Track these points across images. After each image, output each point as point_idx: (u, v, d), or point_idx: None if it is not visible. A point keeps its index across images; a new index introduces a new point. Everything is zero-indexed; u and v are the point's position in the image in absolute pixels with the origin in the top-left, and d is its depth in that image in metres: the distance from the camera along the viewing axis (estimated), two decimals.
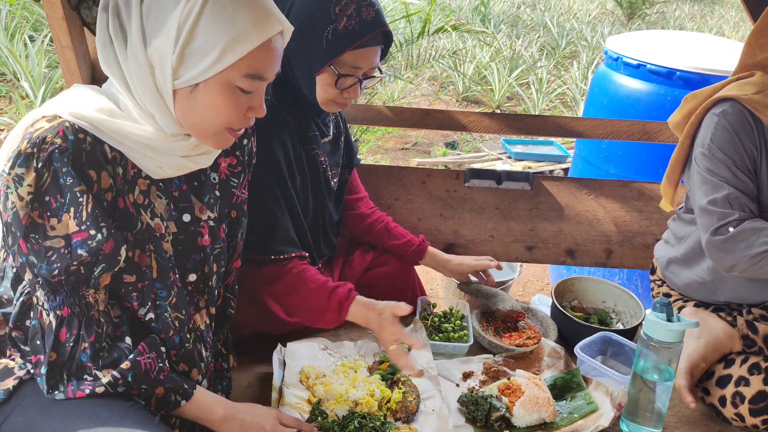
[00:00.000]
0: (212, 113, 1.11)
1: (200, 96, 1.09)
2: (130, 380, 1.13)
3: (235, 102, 1.11)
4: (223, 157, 1.34)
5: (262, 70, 1.11)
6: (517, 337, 1.83)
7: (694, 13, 12.76)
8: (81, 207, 1.06)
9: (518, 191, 2.31)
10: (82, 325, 1.11)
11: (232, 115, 1.13)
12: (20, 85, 5.13)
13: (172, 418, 1.23)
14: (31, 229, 1.05)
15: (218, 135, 1.15)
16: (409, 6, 5.66)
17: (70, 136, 1.05)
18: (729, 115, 1.58)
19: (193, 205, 1.26)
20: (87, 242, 1.06)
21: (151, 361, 1.16)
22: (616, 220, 2.33)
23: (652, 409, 1.47)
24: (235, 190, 1.37)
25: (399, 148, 5.66)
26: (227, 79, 1.09)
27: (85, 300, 1.11)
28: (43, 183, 1.04)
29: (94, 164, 1.08)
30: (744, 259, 1.51)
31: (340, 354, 1.69)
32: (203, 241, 1.28)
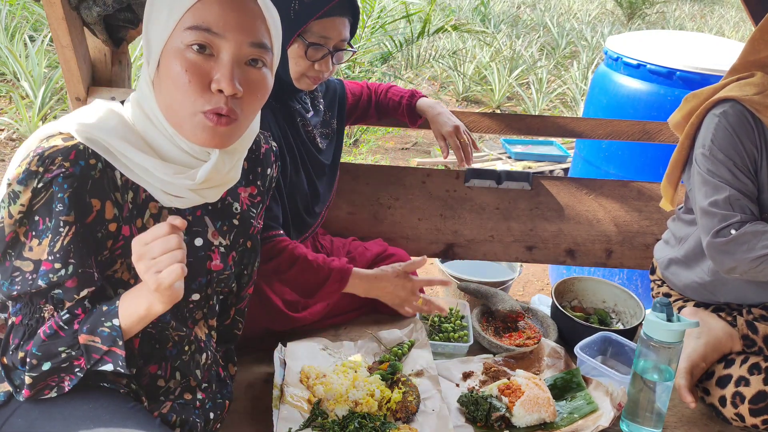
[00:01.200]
0: (174, 87, 1.03)
1: (163, 74, 1.05)
2: (37, 353, 1.06)
3: (192, 68, 1.02)
4: (243, 186, 1.31)
5: (208, 21, 1.02)
6: (517, 337, 1.83)
7: (694, 13, 12.76)
8: (59, 238, 1.03)
9: (518, 191, 2.31)
10: (25, 336, 1.10)
11: (192, 86, 1.02)
12: (20, 85, 5.13)
13: (173, 417, 1.22)
14: (10, 246, 1.05)
15: (193, 119, 1.05)
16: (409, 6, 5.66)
17: (81, 161, 1.03)
18: (730, 115, 1.58)
19: (206, 229, 1.24)
20: (49, 275, 1.04)
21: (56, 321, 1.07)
22: (616, 220, 2.33)
23: (652, 409, 1.47)
24: (253, 221, 1.34)
25: (399, 148, 5.66)
26: (177, 42, 1.03)
27: (39, 314, 1.09)
28: (37, 202, 1.03)
29: (100, 193, 1.06)
30: (745, 261, 1.51)
31: (340, 354, 1.69)
32: (213, 265, 1.26)
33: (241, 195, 1.30)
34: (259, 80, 1.09)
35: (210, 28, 1.02)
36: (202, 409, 1.29)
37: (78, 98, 2.24)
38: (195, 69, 1.03)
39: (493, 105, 6.73)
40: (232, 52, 1.04)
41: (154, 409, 1.20)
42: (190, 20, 1.02)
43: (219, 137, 1.07)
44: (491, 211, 2.33)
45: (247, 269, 1.39)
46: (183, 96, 1.03)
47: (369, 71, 5.17)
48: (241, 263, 1.36)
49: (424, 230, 2.31)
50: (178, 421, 1.23)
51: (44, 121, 4.78)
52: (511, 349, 1.77)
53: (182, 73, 1.02)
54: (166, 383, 1.25)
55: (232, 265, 1.31)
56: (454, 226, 2.32)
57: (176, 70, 1.03)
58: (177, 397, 1.26)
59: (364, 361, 1.66)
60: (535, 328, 1.90)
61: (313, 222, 1.87)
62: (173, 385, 1.26)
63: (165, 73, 1.04)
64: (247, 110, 1.10)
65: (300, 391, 1.52)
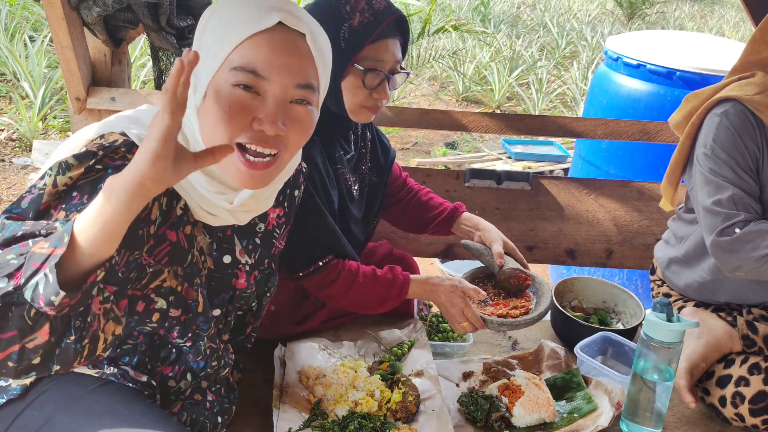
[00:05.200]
0: (216, 120, 1.03)
1: (207, 106, 1.05)
2: None
3: (236, 105, 1.02)
4: (273, 207, 1.31)
5: (254, 62, 1.02)
6: (503, 306, 1.67)
7: (694, 13, 12.76)
8: None
9: (518, 191, 2.31)
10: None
11: (234, 121, 1.02)
12: (20, 85, 5.13)
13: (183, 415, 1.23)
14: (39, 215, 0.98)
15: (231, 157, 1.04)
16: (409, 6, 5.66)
17: None
18: (731, 115, 1.58)
19: (234, 248, 1.25)
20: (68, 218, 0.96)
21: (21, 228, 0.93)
22: (616, 220, 2.33)
23: (652, 409, 1.47)
24: (275, 241, 1.36)
25: (399, 148, 5.66)
26: (223, 78, 1.03)
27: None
28: (84, 178, 0.99)
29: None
30: (750, 260, 1.51)
31: (340, 354, 1.69)
32: (238, 283, 1.27)
33: (269, 216, 1.32)
34: (304, 117, 1.08)
35: (256, 70, 1.02)
36: (211, 411, 1.30)
37: (78, 98, 2.24)
38: (239, 107, 1.02)
39: (493, 105, 6.73)
40: (277, 95, 1.04)
41: (165, 408, 1.21)
42: (237, 60, 1.02)
43: (254, 180, 1.07)
44: (491, 211, 2.33)
45: (270, 290, 1.40)
46: (223, 131, 1.03)
47: None
48: (265, 284, 1.38)
49: None
50: (188, 420, 1.24)
51: (44, 122, 4.78)
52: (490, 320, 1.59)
53: (226, 110, 1.02)
54: (176, 383, 1.25)
55: (254, 284, 1.33)
56: None
57: (220, 106, 1.02)
58: (188, 397, 1.27)
59: (364, 361, 1.66)
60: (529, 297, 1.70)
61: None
62: (184, 386, 1.27)
63: (210, 106, 1.04)
64: (291, 146, 1.09)
65: (300, 391, 1.52)
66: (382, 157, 1.86)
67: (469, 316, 1.60)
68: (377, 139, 1.87)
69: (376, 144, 1.85)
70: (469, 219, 1.86)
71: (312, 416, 1.44)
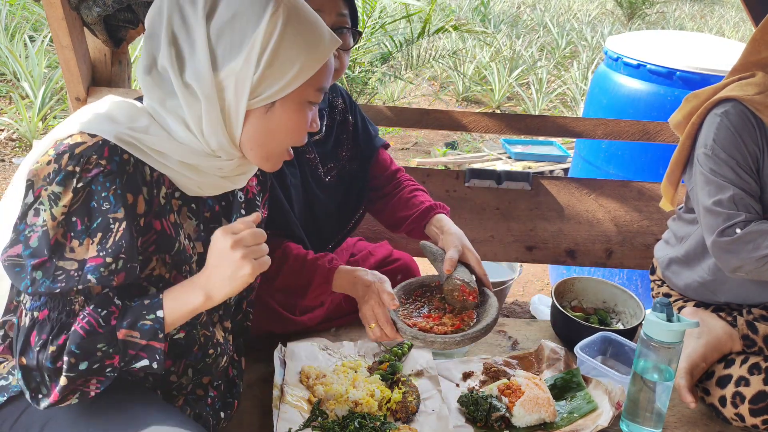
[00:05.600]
0: (287, 130, 1.13)
1: (276, 114, 1.11)
2: (76, 350, 1.02)
3: (306, 117, 1.14)
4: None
5: (326, 83, 1.15)
6: (432, 320, 1.46)
7: (694, 13, 12.76)
8: (110, 234, 1.04)
9: (518, 191, 2.32)
10: (54, 330, 1.04)
11: (302, 131, 1.15)
12: (20, 85, 5.13)
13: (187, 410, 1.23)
14: (54, 249, 1.02)
15: (281, 156, 1.17)
16: (409, 6, 5.66)
17: (116, 157, 1.03)
18: (731, 115, 1.58)
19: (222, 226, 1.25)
20: (100, 269, 1.03)
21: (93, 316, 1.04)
22: (616, 220, 2.33)
23: (652, 409, 1.47)
24: (258, 209, 1.37)
25: (399, 148, 5.66)
26: (303, 94, 1.11)
27: (70, 306, 1.06)
28: (75, 202, 1.02)
29: (134, 188, 1.07)
30: (750, 260, 1.51)
31: (340, 354, 1.69)
32: None
33: (247, 184, 1.34)
34: None
35: (326, 89, 1.16)
36: (212, 407, 1.31)
37: (78, 98, 2.25)
38: (307, 119, 1.15)
39: (493, 105, 6.73)
40: None
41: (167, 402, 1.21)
42: (318, 81, 1.12)
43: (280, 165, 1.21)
44: (491, 211, 2.33)
45: None
46: (289, 137, 1.15)
47: (369, 71, 5.17)
48: None
49: None
50: (192, 414, 1.25)
51: (44, 122, 4.78)
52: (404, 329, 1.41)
53: (300, 120, 1.14)
54: (178, 379, 1.25)
55: None
56: None
57: (297, 118, 1.13)
58: (189, 392, 1.27)
59: (364, 361, 1.66)
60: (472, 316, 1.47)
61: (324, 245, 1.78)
62: (185, 381, 1.27)
63: (280, 115, 1.11)
64: None
65: (300, 391, 1.52)
66: (365, 145, 1.81)
67: (380, 318, 1.44)
68: (361, 126, 1.82)
69: (358, 131, 1.81)
70: (438, 221, 1.70)
71: (312, 416, 1.44)
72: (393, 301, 1.43)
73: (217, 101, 1.07)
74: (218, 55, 1.05)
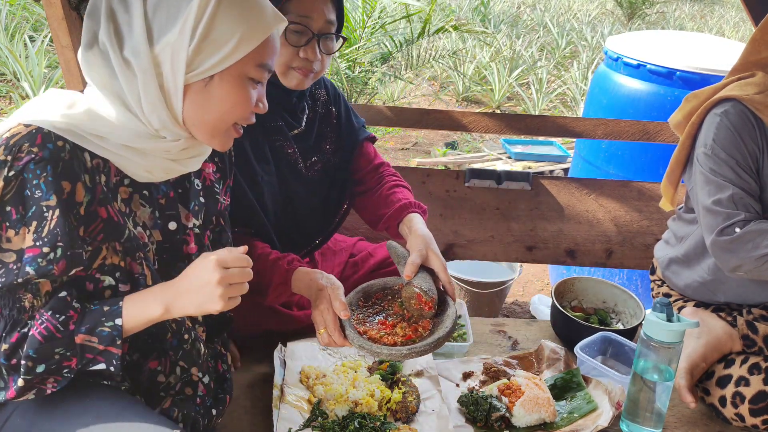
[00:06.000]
0: (227, 106, 1.12)
1: (215, 89, 1.10)
2: (34, 355, 1.03)
3: (248, 94, 1.13)
4: (206, 162, 1.32)
5: (270, 60, 1.14)
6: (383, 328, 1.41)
7: (694, 13, 12.76)
8: (45, 222, 1.03)
9: (518, 191, 2.32)
10: (7, 327, 1.06)
11: (245, 108, 1.14)
12: (20, 85, 5.13)
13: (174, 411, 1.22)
14: None
15: (227, 133, 1.16)
16: (409, 6, 5.66)
17: (49, 144, 1.02)
18: (731, 115, 1.58)
19: (179, 213, 1.24)
20: (37, 259, 1.03)
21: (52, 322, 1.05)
22: (616, 220, 2.33)
23: (652, 409, 1.47)
24: (218, 197, 1.35)
25: (399, 148, 5.66)
26: (242, 69, 1.10)
27: (20, 303, 1.07)
28: (8, 192, 1.01)
29: (71, 175, 1.05)
30: (750, 260, 1.51)
31: (340, 354, 1.69)
32: (189, 249, 1.26)
33: (203, 171, 1.32)
34: None
35: (270, 67, 1.15)
36: (203, 405, 1.29)
37: None
38: (249, 96, 1.14)
39: (493, 105, 6.73)
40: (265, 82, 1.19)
41: (154, 405, 1.20)
42: (259, 57, 1.11)
43: (231, 144, 1.20)
44: (491, 211, 2.33)
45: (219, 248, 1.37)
46: (230, 113, 1.14)
47: (369, 71, 5.17)
48: (219, 243, 1.36)
49: None
50: (180, 416, 1.23)
51: None
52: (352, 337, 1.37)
53: (240, 96, 1.12)
54: (166, 378, 1.24)
55: (209, 246, 1.31)
56: (454, 226, 2.33)
57: (236, 93, 1.12)
58: (177, 392, 1.26)
59: (364, 361, 1.66)
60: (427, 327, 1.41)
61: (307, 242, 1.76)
62: (173, 380, 1.25)
63: (219, 90, 1.10)
64: None
65: (300, 391, 1.52)
66: (348, 137, 1.79)
67: (329, 324, 1.39)
68: (345, 117, 1.80)
69: (341, 122, 1.79)
70: (410, 221, 1.63)
71: (312, 416, 1.44)
72: (344, 311, 1.38)
73: (154, 76, 1.06)
74: (154, 29, 1.05)
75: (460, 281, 3.01)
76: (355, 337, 1.36)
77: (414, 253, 1.48)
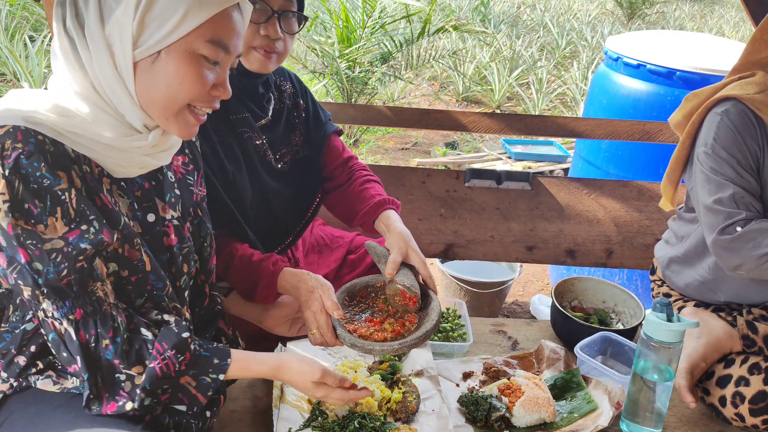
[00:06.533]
0: (175, 84, 1.08)
1: (162, 65, 1.07)
2: (148, 387, 1.09)
3: (199, 72, 1.09)
4: (176, 155, 1.31)
5: (225, 38, 1.10)
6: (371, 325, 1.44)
7: (694, 13, 12.76)
8: (66, 205, 1.03)
9: (518, 191, 2.32)
10: (98, 324, 1.08)
11: (196, 87, 1.09)
12: (20, 85, 5.13)
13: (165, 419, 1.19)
14: (24, 236, 1.01)
15: (181, 116, 1.12)
16: (409, 6, 5.66)
17: (31, 138, 1.01)
18: (731, 114, 1.58)
19: (156, 205, 1.23)
20: (84, 236, 1.04)
21: (173, 361, 1.12)
22: (616, 220, 2.33)
23: (652, 409, 1.47)
24: (192, 188, 1.34)
25: (399, 148, 5.66)
26: (190, 45, 1.07)
27: (95, 296, 1.08)
28: (17, 192, 1.00)
29: (62, 165, 1.04)
30: (751, 259, 1.51)
31: (340, 354, 1.69)
32: (170, 240, 1.25)
33: (173, 164, 1.31)
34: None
35: (227, 47, 1.11)
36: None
37: None
38: (202, 74, 1.09)
39: (493, 105, 6.73)
40: (229, 65, 1.15)
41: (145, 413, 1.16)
42: (210, 33, 1.07)
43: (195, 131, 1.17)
44: (491, 211, 2.33)
45: (206, 240, 1.37)
46: (180, 92, 1.09)
47: (369, 71, 5.17)
48: (198, 235, 1.35)
49: (424, 230, 2.31)
50: (171, 423, 1.20)
51: None
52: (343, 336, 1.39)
53: (190, 74, 1.08)
54: None
55: (189, 237, 1.30)
56: (454, 226, 2.33)
57: (184, 70, 1.08)
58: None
59: (364, 361, 1.66)
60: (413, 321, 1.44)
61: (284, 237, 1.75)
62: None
63: (166, 67, 1.07)
64: None
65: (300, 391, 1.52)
66: (316, 131, 1.78)
67: (321, 325, 1.42)
68: (312, 111, 1.79)
69: (309, 116, 1.78)
70: (386, 218, 1.63)
71: (312, 416, 1.44)
72: (337, 311, 1.41)
73: (108, 56, 1.05)
74: (104, 8, 1.04)
75: (460, 281, 3.01)
76: (347, 335, 1.39)
77: (394, 252, 1.50)
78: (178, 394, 1.14)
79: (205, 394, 1.16)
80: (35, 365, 1.16)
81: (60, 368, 1.17)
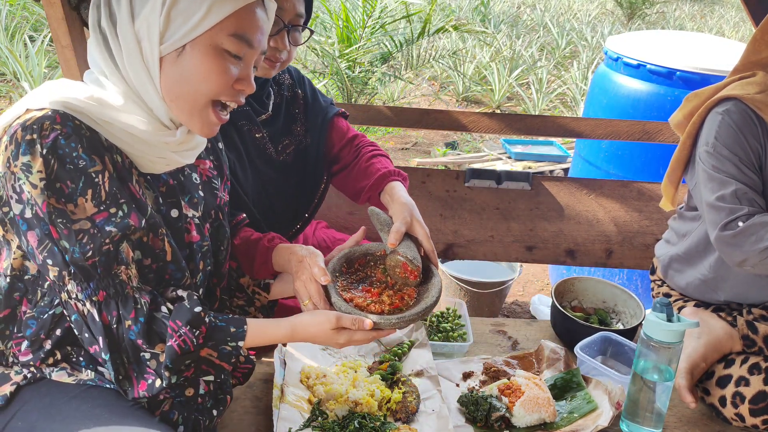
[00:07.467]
0: (199, 78, 1.10)
1: (187, 59, 1.09)
2: (170, 365, 1.11)
3: (223, 66, 1.11)
4: (203, 159, 1.34)
5: (248, 33, 1.12)
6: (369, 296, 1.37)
7: (694, 13, 12.76)
8: (99, 188, 1.06)
9: (518, 191, 2.32)
10: (119, 305, 1.10)
11: (220, 81, 1.11)
12: (20, 85, 5.13)
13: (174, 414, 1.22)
14: (56, 214, 1.04)
15: (205, 112, 1.14)
16: (409, 6, 5.66)
17: (68, 122, 1.04)
18: (733, 113, 1.59)
19: (180, 201, 1.25)
20: (111, 219, 1.07)
21: (189, 336, 1.12)
22: (616, 220, 2.33)
23: (652, 409, 1.47)
24: (217, 192, 1.36)
25: (399, 148, 5.66)
26: (214, 40, 1.09)
27: (118, 279, 1.10)
28: (52, 170, 1.03)
29: (96, 149, 1.07)
30: (754, 253, 1.50)
31: (340, 354, 1.69)
32: (190, 237, 1.27)
33: (199, 167, 1.33)
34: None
35: (251, 42, 1.13)
36: (204, 405, 1.29)
37: None
38: (225, 69, 1.12)
39: (493, 105, 6.73)
40: (253, 61, 1.17)
41: (154, 408, 1.20)
42: (233, 27, 1.10)
43: (215, 130, 1.19)
44: (491, 211, 2.33)
45: (223, 244, 1.39)
46: (204, 86, 1.11)
47: (369, 71, 5.17)
48: (216, 238, 1.37)
49: None
50: (180, 418, 1.22)
51: None
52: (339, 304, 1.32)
53: (214, 68, 1.10)
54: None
55: (209, 237, 1.32)
56: (454, 226, 2.33)
57: (208, 64, 1.10)
58: (178, 394, 1.26)
59: (364, 361, 1.66)
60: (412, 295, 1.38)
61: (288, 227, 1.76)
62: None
63: (191, 61, 1.09)
64: None
65: (300, 391, 1.52)
66: (316, 115, 1.80)
67: (312, 294, 1.35)
68: (311, 97, 1.81)
69: (308, 103, 1.80)
70: (391, 189, 1.60)
71: (312, 416, 1.44)
72: (324, 276, 1.34)
73: (138, 51, 1.08)
74: (135, 4, 1.07)
75: (460, 281, 3.01)
76: (342, 304, 1.32)
77: (398, 221, 1.44)
78: (202, 366, 1.17)
79: (229, 361, 1.19)
80: (53, 354, 1.17)
81: (75, 361, 1.18)
